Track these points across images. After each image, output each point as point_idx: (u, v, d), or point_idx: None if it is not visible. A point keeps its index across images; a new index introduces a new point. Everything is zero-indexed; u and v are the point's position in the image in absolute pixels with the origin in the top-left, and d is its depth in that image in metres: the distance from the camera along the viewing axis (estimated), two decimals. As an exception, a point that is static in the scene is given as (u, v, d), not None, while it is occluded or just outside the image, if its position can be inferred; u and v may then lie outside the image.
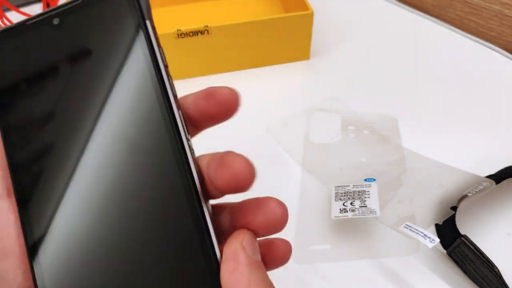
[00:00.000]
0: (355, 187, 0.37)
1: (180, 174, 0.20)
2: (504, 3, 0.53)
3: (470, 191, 0.36)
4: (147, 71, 0.21)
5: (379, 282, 0.35)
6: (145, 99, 0.21)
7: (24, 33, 0.22)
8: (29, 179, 0.21)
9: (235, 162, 0.19)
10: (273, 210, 0.20)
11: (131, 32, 0.21)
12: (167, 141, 0.20)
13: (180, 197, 0.20)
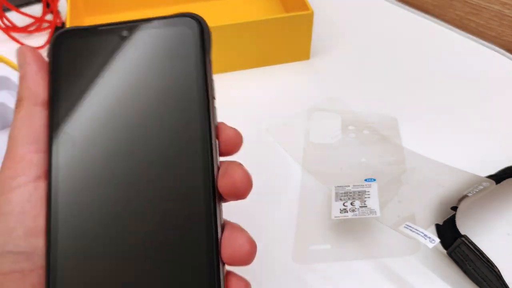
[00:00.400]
0: (355, 187, 0.37)
1: (204, 182, 0.23)
2: (504, 3, 0.53)
3: (470, 191, 0.36)
4: (196, 100, 0.24)
5: (379, 282, 0.35)
6: (189, 122, 0.23)
7: (94, 36, 0.25)
8: (65, 165, 0.23)
9: (235, 172, 0.22)
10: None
11: (191, 61, 0.24)
12: (199, 158, 0.23)
13: (200, 196, 0.23)
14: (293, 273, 0.35)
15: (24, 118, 0.24)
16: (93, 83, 0.24)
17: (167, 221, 0.23)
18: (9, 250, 0.22)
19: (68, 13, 0.50)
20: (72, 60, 0.25)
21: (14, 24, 0.55)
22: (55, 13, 0.56)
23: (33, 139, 0.23)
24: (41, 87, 0.24)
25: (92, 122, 0.24)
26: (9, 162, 0.23)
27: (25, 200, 0.23)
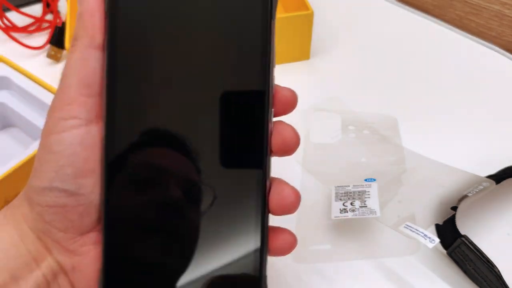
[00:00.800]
0: (355, 187, 0.37)
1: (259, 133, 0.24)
2: (504, 3, 0.53)
3: (470, 191, 0.36)
4: (258, 62, 0.24)
5: (379, 282, 0.35)
6: (250, 72, 0.24)
7: None
8: (123, 108, 0.24)
9: (285, 130, 0.24)
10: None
11: (257, 21, 0.24)
12: (257, 112, 0.24)
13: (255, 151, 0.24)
14: (293, 273, 0.35)
15: (78, 60, 0.23)
16: (157, 29, 0.24)
17: (224, 171, 0.24)
18: (56, 186, 0.23)
19: (68, 13, 0.50)
20: (129, 2, 0.24)
21: (14, 24, 0.55)
22: (55, 13, 0.56)
23: (86, 82, 0.23)
24: (97, 29, 0.23)
25: (152, 66, 0.24)
26: (61, 103, 0.23)
27: (77, 143, 0.23)
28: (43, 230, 0.24)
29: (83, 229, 0.24)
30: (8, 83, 0.43)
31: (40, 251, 0.24)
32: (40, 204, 0.24)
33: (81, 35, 0.23)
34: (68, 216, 0.24)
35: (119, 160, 0.24)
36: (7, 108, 0.43)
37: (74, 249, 0.25)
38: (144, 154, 0.24)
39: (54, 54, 0.53)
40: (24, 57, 0.54)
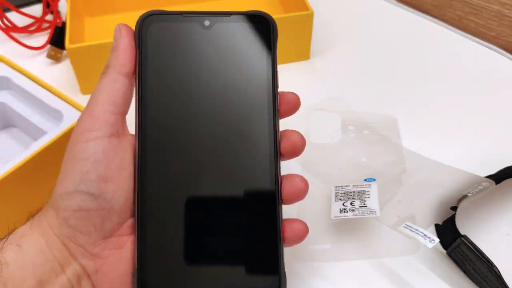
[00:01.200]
0: (355, 187, 0.37)
1: (269, 142, 0.29)
2: (503, 3, 0.53)
3: (470, 191, 0.36)
4: (265, 86, 0.29)
5: (379, 282, 0.35)
6: (257, 99, 0.29)
7: (178, 21, 0.29)
8: (155, 125, 0.28)
9: (293, 135, 0.29)
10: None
11: (262, 51, 0.30)
12: (265, 125, 0.29)
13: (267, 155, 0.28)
14: (293, 273, 0.35)
15: (107, 82, 0.28)
16: (176, 62, 0.28)
17: (241, 173, 0.28)
18: (81, 189, 0.26)
19: (68, 13, 0.50)
20: (157, 40, 0.29)
21: (14, 24, 0.55)
22: (55, 13, 0.56)
23: (112, 102, 0.27)
24: (127, 60, 0.28)
25: (174, 97, 0.28)
26: (88, 117, 0.27)
27: (99, 151, 0.26)
28: (68, 235, 0.26)
29: (105, 233, 0.27)
30: (8, 83, 0.43)
31: (65, 257, 0.26)
32: (66, 209, 0.26)
33: (114, 64, 0.28)
34: (91, 219, 0.26)
35: (151, 166, 0.28)
36: (7, 108, 0.43)
37: (97, 252, 0.26)
38: (171, 157, 0.28)
39: (54, 54, 0.53)
40: (24, 57, 0.54)
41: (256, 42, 0.29)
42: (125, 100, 0.28)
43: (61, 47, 0.53)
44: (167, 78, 0.28)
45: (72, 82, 0.51)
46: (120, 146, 0.27)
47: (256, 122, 0.28)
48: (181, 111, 0.28)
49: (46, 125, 0.41)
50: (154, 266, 0.27)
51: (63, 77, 0.52)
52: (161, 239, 0.27)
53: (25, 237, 0.26)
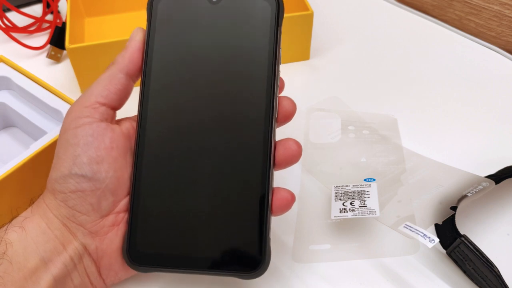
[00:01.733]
0: (355, 187, 0.37)
1: (264, 143, 0.29)
2: (504, 3, 0.53)
3: (470, 191, 0.36)
4: (266, 62, 0.29)
5: (379, 282, 0.35)
6: (257, 77, 0.30)
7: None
8: (153, 111, 0.30)
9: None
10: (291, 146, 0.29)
11: (266, 30, 0.30)
12: (262, 119, 0.29)
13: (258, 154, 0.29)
14: (293, 273, 0.35)
15: (106, 77, 0.29)
16: (182, 37, 0.30)
17: (237, 136, 0.29)
18: (75, 172, 0.27)
19: (68, 13, 0.50)
20: (166, 14, 0.30)
21: (14, 24, 0.55)
22: (55, 13, 0.56)
23: (105, 95, 0.29)
24: (133, 62, 0.30)
25: (179, 69, 0.30)
26: (78, 106, 0.29)
27: (88, 134, 0.28)
28: (68, 215, 0.28)
29: (102, 212, 0.28)
30: (8, 83, 0.43)
31: (66, 236, 0.28)
32: (63, 191, 0.28)
33: (118, 61, 0.30)
34: (88, 199, 0.28)
35: (148, 145, 0.29)
36: (7, 108, 0.43)
37: (96, 230, 0.28)
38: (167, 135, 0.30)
39: (54, 54, 0.53)
40: (24, 57, 0.54)
41: (262, 19, 0.30)
42: (120, 97, 0.29)
43: (61, 47, 0.53)
44: (172, 53, 0.30)
45: (72, 82, 0.51)
46: (109, 128, 0.29)
47: (254, 95, 0.29)
48: (184, 86, 0.30)
49: (46, 125, 0.41)
50: (144, 231, 0.29)
51: (63, 77, 0.52)
52: (152, 200, 0.29)
53: (27, 220, 0.28)
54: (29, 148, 0.37)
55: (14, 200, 0.37)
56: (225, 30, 0.30)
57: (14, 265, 0.26)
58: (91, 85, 0.29)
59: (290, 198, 0.29)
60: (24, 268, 0.26)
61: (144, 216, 0.29)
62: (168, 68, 0.30)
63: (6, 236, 0.27)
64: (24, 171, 0.36)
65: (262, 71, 0.29)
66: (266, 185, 0.29)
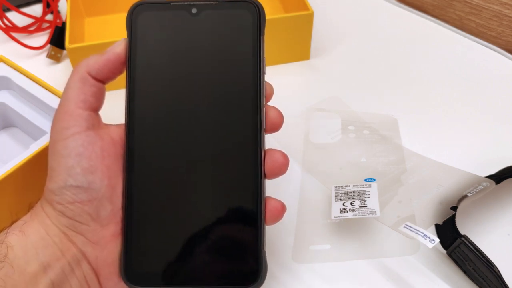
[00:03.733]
0: (355, 187, 0.37)
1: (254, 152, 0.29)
2: (504, 3, 0.53)
3: (470, 191, 0.36)
4: (251, 72, 0.29)
5: (379, 282, 0.35)
6: (242, 89, 0.29)
7: (166, 10, 0.30)
8: (139, 114, 0.29)
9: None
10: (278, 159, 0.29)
11: (248, 39, 0.29)
12: (250, 128, 0.29)
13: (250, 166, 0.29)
14: (293, 273, 0.35)
15: (77, 80, 0.29)
16: (164, 50, 0.29)
17: (227, 148, 0.29)
18: (70, 184, 0.27)
19: (68, 13, 0.50)
20: (146, 29, 0.29)
21: (14, 24, 0.55)
22: (55, 13, 0.56)
23: (82, 99, 0.29)
24: (102, 69, 0.29)
25: (162, 82, 0.29)
26: (62, 115, 0.28)
27: (79, 145, 0.28)
28: (67, 224, 0.28)
29: (102, 221, 0.28)
30: (8, 83, 0.43)
31: (65, 243, 0.27)
32: (60, 202, 0.27)
33: (89, 63, 0.29)
34: (86, 209, 0.28)
35: (138, 155, 0.29)
36: (7, 108, 0.43)
37: (97, 240, 0.28)
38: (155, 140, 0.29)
39: (54, 54, 0.53)
40: (24, 57, 0.54)
41: (243, 29, 0.29)
42: (97, 99, 0.29)
43: (61, 47, 0.53)
44: (155, 67, 0.29)
45: (72, 82, 0.51)
46: (98, 136, 0.29)
47: (241, 107, 0.29)
48: (168, 98, 0.29)
49: (46, 125, 0.41)
50: (139, 250, 0.28)
51: (63, 77, 0.52)
52: (145, 217, 0.29)
53: (27, 224, 0.28)
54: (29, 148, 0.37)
55: (14, 200, 0.37)
56: (207, 41, 0.29)
57: (15, 269, 0.26)
58: (64, 90, 0.29)
59: (280, 208, 0.29)
60: (25, 272, 0.26)
61: (138, 235, 0.28)
62: (152, 81, 0.29)
63: (7, 239, 0.27)
64: (24, 171, 0.36)
65: (247, 82, 0.29)
66: (259, 196, 0.28)
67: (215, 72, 0.29)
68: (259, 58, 0.29)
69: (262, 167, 0.29)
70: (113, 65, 0.29)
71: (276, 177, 0.29)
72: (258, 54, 0.29)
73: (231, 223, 0.28)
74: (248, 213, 0.28)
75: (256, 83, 0.29)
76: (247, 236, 0.28)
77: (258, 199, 0.28)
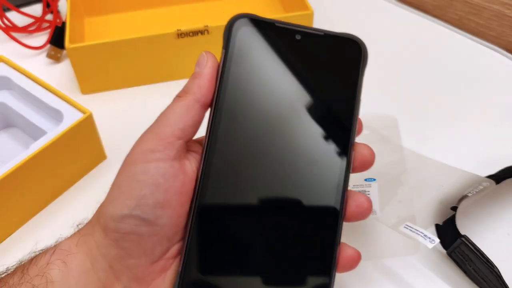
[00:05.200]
0: (355, 187, 0.37)
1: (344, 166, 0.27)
2: (504, 3, 0.53)
3: (470, 191, 0.36)
4: (346, 109, 0.27)
5: (379, 282, 0.35)
6: (337, 126, 0.27)
7: (268, 30, 0.27)
8: (221, 154, 0.26)
9: (364, 150, 0.28)
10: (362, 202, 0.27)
11: (348, 76, 0.27)
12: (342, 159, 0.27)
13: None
14: (293, 273, 0.35)
15: (183, 107, 0.26)
16: (259, 71, 0.27)
17: (310, 186, 0.27)
18: (136, 214, 0.24)
19: (68, 13, 0.50)
20: (244, 44, 0.27)
21: (14, 24, 0.55)
22: (55, 13, 0.56)
23: (181, 127, 0.26)
24: (209, 91, 0.26)
25: (254, 106, 0.27)
26: (152, 137, 0.26)
27: (159, 174, 0.25)
28: (116, 256, 0.25)
29: (154, 257, 0.26)
30: (8, 83, 0.43)
31: (110, 278, 0.25)
32: (117, 231, 0.25)
33: (194, 91, 0.26)
34: (142, 244, 0.25)
35: (209, 197, 0.26)
36: (7, 108, 0.43)
37: (144, 276, 0.26)
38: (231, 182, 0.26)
39: (54, 54, 0.53)
40: (24, 57, 0.54)
41: (345, 66, 0.28)
42: (195, 129, 0.27)
43: (61, 47, 0.53)
44: (249, 87, 0.27)
45: (72, 82, 0.51)
46: (182, 169, 0.26)
47: (331, 145, 0.27)
48: (255, 124, 0.27)
49: (46, 125, 0.41)
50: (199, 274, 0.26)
51: (63, 77, 0.52)
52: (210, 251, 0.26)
53: (72, 256, 0.25)
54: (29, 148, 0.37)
55: (14, 200, 0.37)
56: (307, 71, 0.27)
57: None
58: (164, 112, 0.26)
59: (356, 257, 0.27)
60: None
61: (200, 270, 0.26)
62: (243, 106, 0.27)
63: (48, 272, 0.25)
64: (24, 171, 0.36)
65: (343, 121, 0.27)
66: (335, 242, 0.26)
67: (311, 105, 0.27)
68: (356, 97, 0.27)
69: (343, 211, 0.27)
70: (213, 83, 0.27)
71: (356, 221, 0.27)
72: (355, 93, 0.27)
73: (303, 271, 0.26)
74: (321, 260, 0.26)
75: (350, 124, 0.27)
76: (318, 284, 0.26)
77: (335, 245, 0.26)
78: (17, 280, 0.25)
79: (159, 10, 0.59)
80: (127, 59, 0.48)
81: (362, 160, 0.28)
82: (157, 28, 0.47)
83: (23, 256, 0.27)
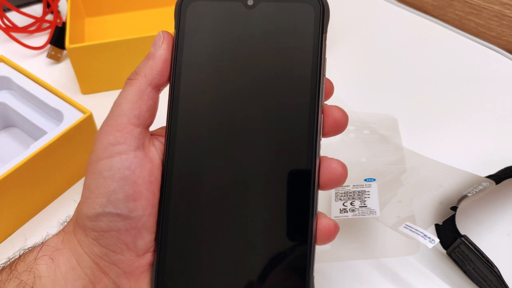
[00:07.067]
0: (355, 187, 0.37)
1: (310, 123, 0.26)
2: (504, 3, 0.53)
3: (470, 191, 0.36)
4: (309, 71, 0.26)
5: (379, 282, 0.35)
6: (299, 90, 0.26)
7: (220, 2, 0.26)
8: (185, 131, 0.26)
9: (334, 111, 0.26)
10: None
11: (309, 36, 0.27)
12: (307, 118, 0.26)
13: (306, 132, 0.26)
14: (293, 273, 0.35)
15: (135, 92, 0.25)
16: (214, 44, 0.26)
17: (278, 156, 0.26)
18: (109, 211, 0.24)
19: (68, 13, 0.50)
20: (196, 20, 0.26)
21: (14, 24, 0.55)
22: (55, 13, 0.56)
23: (137, 114, 0.25)
24: (162, 73, 0.26)
25: (211, 81, 0.26)
26: (110, 129, 0.25)
27: (125, 167, 0.24)
28: (100, 254, 0.25)
29: (139, 251, 0.25)
30: (8, 83, 0.43)
31: (97, 274, 0.25)
32: (95, 229, 0.25)
33: (146, 73, 0.26)
34: (122, 239, 0.25)
35: (177, 176, 0.26)
36: (7, 108, 0.43)
37: (131, 270, 0.25)
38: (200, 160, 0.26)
39: (55, 54, 0.53)
40: (24, 57, 0.54)
41: (304, 25, 0.26)
42: (151, 114, 0.26)
43: (61, 47, 0.53)
44: (204, 64, 0.26)
45: (72, 82, 0.51)
46: (147, 158, 0.25)
47: (297, 110, 0.26)
48: (216, 98, 0.26)
49: (46, 125, 0.41)
50: (173, 262, 0.26)
51: (63, 77, 0.52)
52: (182, 235, 0.26)
53: (58, 252, 0.25)
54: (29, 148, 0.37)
55: (14, 200, 0.37)
56: (263, 37, 0.26)
57: None
58: (117, 101, 0.26)
59: (333, 227, 0.25)
60: None
61: (174, 256, 0.26)
62: (200, 82, 0.26)
63: (36, 267, 0.25)
64: (24, 171, 0.36)
65: (305, 85, 0.26)
66: (311, 211, 0.25)
67: (270, 72, 0.26)
68: (320, 58, 0.26)
69: (316, 177, 0.25)
70: (168, 65, 0.26)
71: (330, 188, 0.26)
72: (319, 53, 0.26)
73: (281, 239, 0.25)
74: (298, 231, 0.25)
75: (315, 87, 0.26)
76: (295, 259, 0.25)
77: (310, 215, 0.25)
78: (6, 276, 0.25)
79: (159, 10, 0.59)
80: (127, 59, 0.48)
81: (334, 123, 0.26)
82: (157, 28, 0.47)
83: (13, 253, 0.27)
